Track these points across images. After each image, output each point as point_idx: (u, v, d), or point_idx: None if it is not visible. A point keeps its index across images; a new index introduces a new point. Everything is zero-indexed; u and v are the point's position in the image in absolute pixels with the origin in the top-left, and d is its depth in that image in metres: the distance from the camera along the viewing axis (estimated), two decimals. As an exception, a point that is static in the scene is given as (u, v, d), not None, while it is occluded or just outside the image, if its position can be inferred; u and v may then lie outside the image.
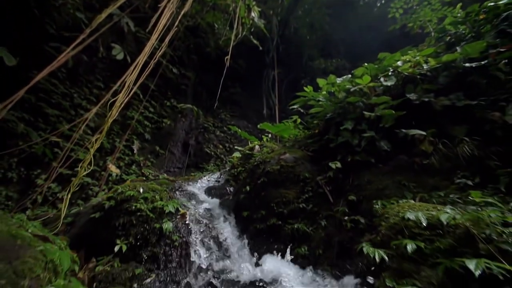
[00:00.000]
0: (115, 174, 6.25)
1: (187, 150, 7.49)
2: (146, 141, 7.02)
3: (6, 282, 0.91)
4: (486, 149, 2.09)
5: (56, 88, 5.60)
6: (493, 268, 1.01)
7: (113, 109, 2.39)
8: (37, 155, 5.15)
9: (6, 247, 1.27)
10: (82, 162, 2.18)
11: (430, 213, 1.37)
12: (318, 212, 2.34)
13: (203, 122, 8.25)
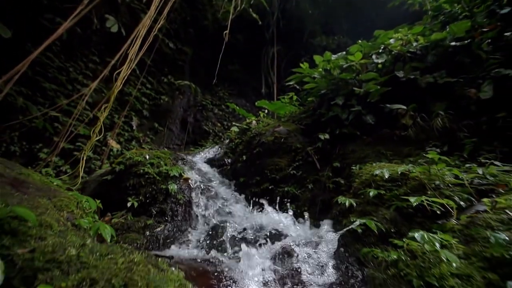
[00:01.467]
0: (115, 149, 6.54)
1: (185, 127, 7.72)
2: (144, 118, 7.21)
3: (49, 212, 1.20)
4: (459, 123, 2.38)
5: (52, 62, 5.64)
6: (432, 204, 1.34)
7: (118, 80, 2.58)
8: (38, 129, 5.37)
9: (44, 189, 1.58)
10: (94, 127, 2.43)
11: (393, 169, 1.68)
12: (306, 177, 2.68)
13: (201, 100, 8.37)
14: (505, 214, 1.08)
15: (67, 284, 0.71)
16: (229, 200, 2.67)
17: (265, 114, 4.45)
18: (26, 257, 0.85)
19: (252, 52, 9.33)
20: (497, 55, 2.56)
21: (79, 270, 0.75)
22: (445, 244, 1.02)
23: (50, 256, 0.78)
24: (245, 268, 1.24)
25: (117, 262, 0.80)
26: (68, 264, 0.76)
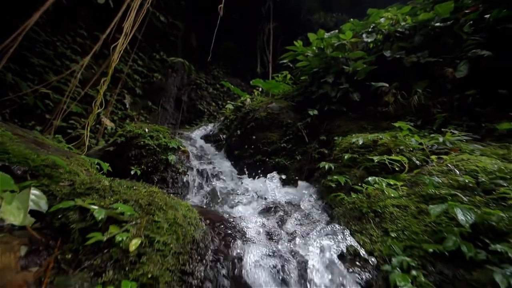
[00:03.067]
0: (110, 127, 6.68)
1: (179, 106, 7.82)
2: (137, 96, 7.26)
3: (70, 169, 1.46)
4: (434, 100, 2.66)
5: (38, 36, 5.55)
6: (392, 162, 1.65)
7: (115, 54, 2.70)
8: (30, 106, 5.42)
9: (60, 150, 1.82)
10: (95, 100, 2.61)
11: (367, 137, 1.98)
12: (295, 150, 2.98)
13: (195, 78, 8.37)
14: (446, 166, 1.41)
15: (105, 203, 1.00)
16: (225, 170, 2.98)
17: (259, 93, 4.64)
18: (65, 191, 1.13)
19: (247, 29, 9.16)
20: (477, 37, 2.79)
21: (112, 195, 1.03)
22: (394, 188, 1.35)
23: (89, 185, 1.05)
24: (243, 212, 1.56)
25: (140, 191, 1.08)
26: (104, 191, 1.04)
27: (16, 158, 1.18)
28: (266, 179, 2.59)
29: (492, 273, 0.81)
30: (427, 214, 1.08)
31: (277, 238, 1.17)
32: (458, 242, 0.90)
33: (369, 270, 0.94)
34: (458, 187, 1.19)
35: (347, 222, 1.21)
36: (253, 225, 1.24)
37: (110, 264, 0.82)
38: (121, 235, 0.86)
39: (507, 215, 0.99)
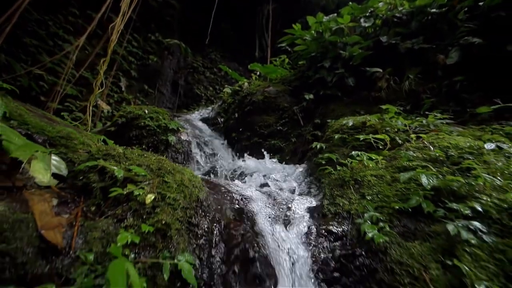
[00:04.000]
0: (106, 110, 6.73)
1: (176, 90, 7.82)
2: (133, 79, 7.23)
3: (83, 141, 1.59)
4: (425, 86, 2.81)
5: (30, 14, 5.43)
6: (377, 141, 1.83)
7: (114, 34, 2.74)
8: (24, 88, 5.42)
9: (68, 125, 1.95)
10: (95, 80, 2.69)
11: (357, 119, 2.15)
12: (291, 132, 3.15)
13: (192, 62, 8.30)
14: (422, 143, 1.59)
15: (121, 166, 1.16)
16: (223, 151, 3.15)
17: (257, 77, 4.71)
18: (82, 158, 1.28)
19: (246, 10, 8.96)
20: (470, 24, 2.89)
21: (126, 160, 1.19)
22: (375, 161, 1.53)
23: (105, 152, 1.20)
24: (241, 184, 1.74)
25: (151, 158, 1.25)
26: (119, 157, 1.20)
27: (34, 128, 1.32)
28: (262, 160, 2.78)
29: (445, 224, 1.01)
30: (399, 181, 1.27)
31: (271, 201, 1.37)
32: (420, 200, 1.10)
33: (346, 223, 1.14)
34: (429, 160, 1.38)
35: (331, 189, 1.40)
36: (249, 191, 1.43)
37: (130, 214, 0.99)
38: (138, 190, 1.03)
39: (467, 181, 1.19)
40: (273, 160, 2.73)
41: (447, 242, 0.95)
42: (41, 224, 0.81)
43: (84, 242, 0.86)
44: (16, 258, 0.73)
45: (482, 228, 0.98)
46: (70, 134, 1.41)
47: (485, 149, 1.41)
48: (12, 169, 1.02)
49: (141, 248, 0.92)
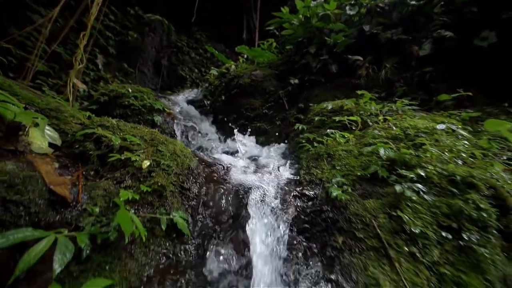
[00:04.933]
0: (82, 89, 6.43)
1: (159, 70, 7.59)
2: (111, 56, 6.88)
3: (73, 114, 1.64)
4: (399, 75, 3.09)
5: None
6: (351, 122, 2.06)
7: (94, 5, 2.65)
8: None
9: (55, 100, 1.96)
10: (75, 55, 2.62)
11: (336, 103, 2.36)
12: (276, 116, 3.33)
13: (175, 41, 8.01)
14: (387, 124, 1.84)
15: (116, 136, 1.27)
16: (210, 132, 3.27)
17: (244, 60, 4.75)
18: (75, 129, 1.37)
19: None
20: (445, 18, 3.15)
21: (120, 131, 1.30)
22: (347, 139, 1.77)
23: (99, 122, 1.30)
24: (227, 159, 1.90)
25: (143, 130, 1.36)
26: (112, 128, 1.30)
27: (24, 100, 1.36)
28: (248, 141, 2.95)
29: (394, 187, 1.26)
30: (364, 155, 1.51)
31: (254, 170, 1.56)
32: (378, 168, 1.34)
33: (317, 188, 1.36)
34: (390, 138, 1.63)
35: (308, 162, 1.62)
36: (237, 163, 1.60)
37: (128, 177, 1.13)
38: (134, 157, 1.16)
39: (417, 154, 1.45)
40: (258, 142, 2.91)
41: (394, 199, 1.20)
42: (49, 181, 0.92)
43: (89, 198, 0.99)
44: (30, 208, 0.85)
45: (424, 189, 1.25)
46: (59, 106, 1.46)
47: (438, 129, 1.69)
48: (9, 135, 1.10)
49: (140, 205, 1.07)
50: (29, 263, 0.70)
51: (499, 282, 1.04)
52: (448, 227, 1.11)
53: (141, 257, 0.95)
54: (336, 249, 1.04)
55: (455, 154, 1.53)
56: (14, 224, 0.81)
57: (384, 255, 1.00)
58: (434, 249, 1.04)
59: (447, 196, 1.21)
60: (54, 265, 0.71)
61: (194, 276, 0.93)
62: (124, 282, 0.86)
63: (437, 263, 1.01)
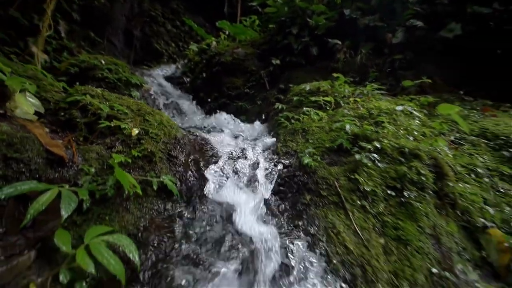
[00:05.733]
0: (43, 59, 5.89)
1: (131, 42, 7.11)
2: (75, 23, 6.26)
3: (52, 82, 1.63)
4: (372, 61, 3.38)
5: None
6: (326, 103, 2.30)
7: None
8: None
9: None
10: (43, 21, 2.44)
11: (313, 85, 2.58)
12: (257, 95, 3.47)
13: (149, 9, 7.48)
14: (356, 105, 2.10)
15: (104, 104, 1.34)
16: (191, 110, 3.33)
17: (225, 36, 4.71)
18: (57, 97, 1.40)
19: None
20: (418, 7, 3.44)
21: (105, 101, 1.37)
22: (320, 117, 2.00)
23: (84, 91, 1.35)
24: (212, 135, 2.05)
25: (129, 101, 1.44)
26: (98, 97, 1.36)
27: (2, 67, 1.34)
28: (229, 119, 3.08)
29: (355, 156, 1.53)
30: (333, 130, 1.76)
31: (237, 144, 1.73)
32: (343, 141, 1.60)
33: (292, 158, 1.59)
34: (357, 116, 1.89)
35: (285, 136, 1.83)
36: (221, 137, 1.76)
37: (118, 143, 1.24)
38: (124, 125, 1.26)
39: (376, 130, 1.73)
40: (239, 119, 3.06)
41: (354, 166, 1.48)
42: (44, 142, 1.01)
43: (83, 160, 1.10)
44: (30, 165, 0.95)
45: (378, 158, 1.53)
46: (36, 74, 1.46)
47: (397, 110, 1.99)
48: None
49: (132, 168, 1.20)
50: (38, 209, 0.82)
51: (429, 229, 1.38)
52: (393, 187, 1.41)
53: (136, 211, 1.10)
54: (305, 204, 1.29)
55: (408, 132, 1.85)
56: (16, 179, 0.91)
57: (341, 207, 1.27)
58: (380, 203, 1.34)
59: (396, 164, 1.52)
60: (62, 212, 0.84)
61: (185, 228, 1.12)
62: (123, 230, 1.02)
63: (382, 213, 1.32)
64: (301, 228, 1.14)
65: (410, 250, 1.17)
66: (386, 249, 1.15)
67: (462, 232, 1.50)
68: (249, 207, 1.24)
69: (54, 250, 0.88)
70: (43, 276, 0.77)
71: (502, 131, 2.37)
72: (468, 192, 1.67)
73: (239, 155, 1.60)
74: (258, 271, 0.88)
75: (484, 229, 1.52)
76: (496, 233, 1.46)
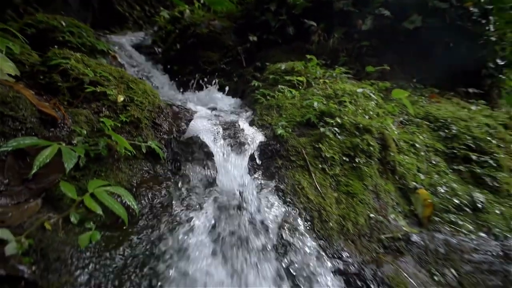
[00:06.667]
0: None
1: (88, 2, 6.36)
2: (14, -30, 5.34)
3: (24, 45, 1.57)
4: (343, 46, 3.71)
5: None
6: (298, 83, 2.56)
7: None
8: None
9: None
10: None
11: (288, 64, 2.81)
12: (233, 72, 3.59)
13: (109, -36, 6.66)
14: (325, 86, 2.41)
15: (88, 69, 1.40)
16: (164, 83, 3.33)
17: (199, 5, 4.57)
18: (33, 60, 1.41)
19: None
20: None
21: (86, 66, 1.42)
22: (293, 95, 2.27)
23: (63, 55, 1.38)
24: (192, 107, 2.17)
25: (110, 67, 1.51)
26: (78, 61, 1.41)
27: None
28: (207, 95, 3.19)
29: (320, 129, 1.84)
30: (303, 107, 2.04)
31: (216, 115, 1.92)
32: (312, 117, 1.90)
33: (268, 130, 1.85)
34: (324, 96, 2.20)
35: (261, 111, 2.07)
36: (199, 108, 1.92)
37: (105, 108, 1.34)
38: (110, 91, 1.35)
39: (339, 108, 2.06)
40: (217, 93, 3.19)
41: (319, 137, 1.79)
42: (35, 103, 1.08)
43: (74, 122, 1.19)
44: (25, 123, 1.03)
45: (338, 131, 1.87)
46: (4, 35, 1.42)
47: (358, 92, 2.35)
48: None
49: (120, 133, 1.33)
50: (44, 161, 0.95)
51: (372, 187, 1.78)
52: (348, 155, 1.78)
53: (128, 171, 1.26)
54: (277, 167, 1.58)
55: (365, 111, 2.23)
56: (14, 136, 1.00)
57: (306, 169, 1.59)
58: (337, 167, 1.70)
59: (352, 136, 1.88)
60: (65, 165, 0.98)
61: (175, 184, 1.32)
62: (119, 185, 1.18)
63: (337, 175, 1.68)
64: (274, 185, 1.43)
65: (355, 201, 1.55)
66: (338, 200, 1.51)
67: (397, 191, 1.96)
68: (231, 167, 1.48)
69: (57, 199, 1.02)
70: (54, 218, 0.92)
71: (442, 115, 2.93)
72: (406, 161, 2.14)
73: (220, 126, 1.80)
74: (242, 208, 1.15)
75: (414, 189, 2.00)
76: (423, 193, 1.94)
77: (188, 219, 1.08)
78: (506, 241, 1.81)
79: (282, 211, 1.25)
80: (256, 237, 1.05)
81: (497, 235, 1.85)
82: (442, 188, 2.02)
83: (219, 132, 1.70)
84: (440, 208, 1.87)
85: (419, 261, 1.30)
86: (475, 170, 2.36)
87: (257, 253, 1.00)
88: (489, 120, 2.95)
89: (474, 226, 1.84)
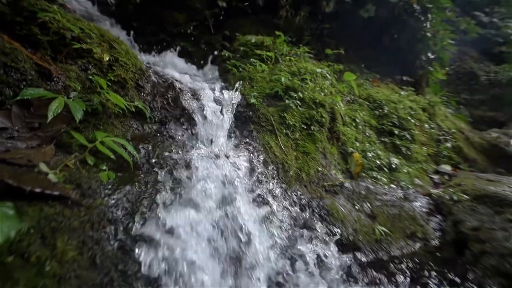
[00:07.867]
0: None
1: None
2: None
3: None
4: (308, 25, 4.11)
5: None
6: (265, 57, 2.89)
7: None
8: None
9: None
10: None
11: (258, 38, 3.08)
12: (201, 38, 3.65)
13: None
14: (290, 63, 2.80)
15: (73, 26, 1.45)
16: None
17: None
18: (4, 9, 1.38)
19: None
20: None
21: (66, 22, 1.47)
22: (263, 69, 2.60)
23: (40, 7, 1.40)
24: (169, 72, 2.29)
25: (89, 24, 1.56)
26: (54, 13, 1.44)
27: None
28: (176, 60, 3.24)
29: (286, 101, 2.26)
30: (272, 81, 2.41)
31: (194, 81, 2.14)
32: (279, 90, 2.29)
33: (241, 98, 2.17)
34: (290, 72, 2.61)
35: (234, 82, 2.36)
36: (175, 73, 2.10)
37: (91, 66, 1.45)
38: (95, 48, 1.46)
39: (301, 84, 2.50)
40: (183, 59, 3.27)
41: (284, 108, 2.22)
42: (29, 55, 1.17)
43: (66, 77, 1.31)
44: (26, 75, 1.13)
45: (300, 104, 2.33)
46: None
47: (317, 72, 2.82)
48: None
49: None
50: (56, 111, 1.11)
51: (321, 149, 2.34)
52: (306, 123, 2.27)
53: (121, 127, 1.46)
54: (249, 131, 1.96)
55: (321, 89, 2.73)
56: (17, 87, 1.10)
57: (273, 133, 2.02)
58: (297, 132, 2.17)
59: (309, 109, 2.36)
60: (75, 115, 1.16)
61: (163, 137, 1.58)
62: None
63: (297, 138, 2.16)
64: (248, 144, 1.82)
65: (309, 158, 2.08)
66: (296, 157, 2.01)
67: (339, 154, 2.60)
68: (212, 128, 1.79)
69: (67, 146, 1.20)
70: (71, 160, 1.12)
71: (379, 98, 3.67)
72: (348, 132, 2.77)
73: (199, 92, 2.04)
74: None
75: (351, 153, 2.66)
76: (357, 156, 2.60)
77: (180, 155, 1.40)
78: (407, 190, 2.66)
79: (255, 164, 1.67)
80: (239, 179, 1.45)
81: (403, 186, 2.69)
82: (370, 154, 2.74)
83: (198, 97, 1.96)
84: (367, 167, 2.58)
85: (347, 198, 1.92)
86: (395, 141, 3.19)
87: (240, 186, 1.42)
88: (413, 104, 3.86)
89: (388, 180, 2.63)
